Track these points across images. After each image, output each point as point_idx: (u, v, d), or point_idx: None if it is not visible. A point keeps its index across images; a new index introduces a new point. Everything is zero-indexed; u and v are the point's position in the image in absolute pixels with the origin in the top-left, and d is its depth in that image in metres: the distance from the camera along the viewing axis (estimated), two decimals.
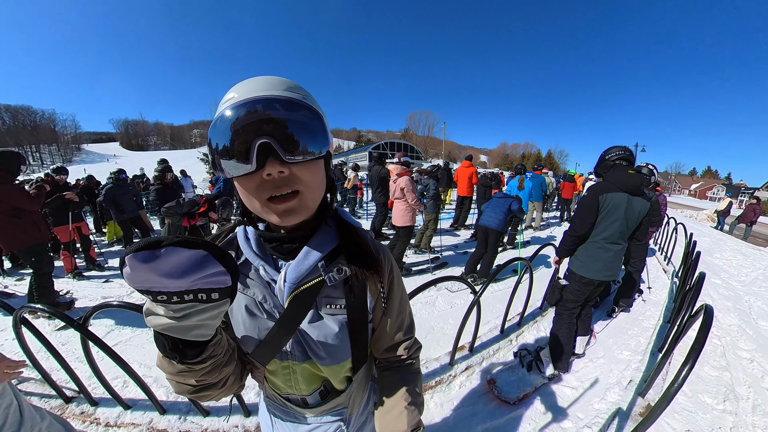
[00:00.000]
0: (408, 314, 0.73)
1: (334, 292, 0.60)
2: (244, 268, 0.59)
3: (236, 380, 0.59)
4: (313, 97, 0.54)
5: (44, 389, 2.00)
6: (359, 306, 0.62)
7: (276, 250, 0.58)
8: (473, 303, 2.16)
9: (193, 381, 0.48)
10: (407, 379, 0.71)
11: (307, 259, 0.56)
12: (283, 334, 0.58)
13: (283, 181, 0.47)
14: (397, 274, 0.69)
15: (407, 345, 0.73)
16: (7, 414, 1.06)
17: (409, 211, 4.02)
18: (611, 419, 1.88)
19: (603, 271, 2.17)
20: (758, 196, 10.07)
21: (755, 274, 4.91)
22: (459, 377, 2.23)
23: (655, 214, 3.12)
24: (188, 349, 0.43)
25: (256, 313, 0.59)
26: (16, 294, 3.64)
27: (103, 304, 1.60)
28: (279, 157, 0.45)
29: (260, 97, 0.45)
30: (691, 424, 1.87)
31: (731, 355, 2.60)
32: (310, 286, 0.56)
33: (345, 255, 0.60)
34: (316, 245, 0.57)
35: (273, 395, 0.72)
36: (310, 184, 0.50)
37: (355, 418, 0.76)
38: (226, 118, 0.45)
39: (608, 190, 2.05)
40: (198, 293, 0.36)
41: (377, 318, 0.67)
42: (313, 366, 0.63)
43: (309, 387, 0.67)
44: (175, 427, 1.77)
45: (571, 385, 2.21)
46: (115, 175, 5.25)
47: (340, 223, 0.64)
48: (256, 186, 0.48)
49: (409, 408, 0.65)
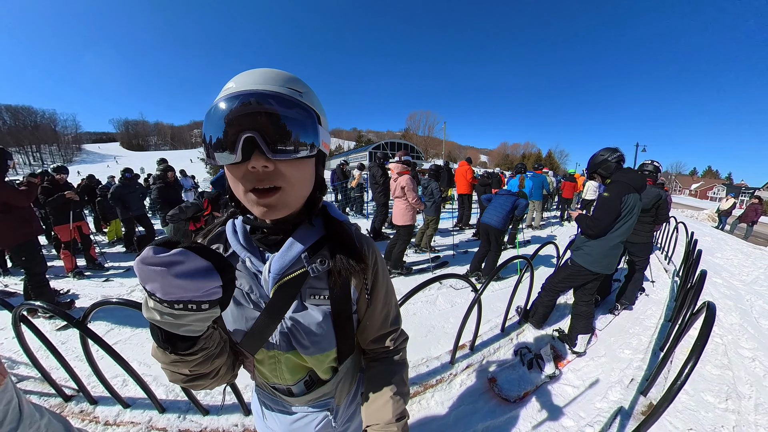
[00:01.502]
0: (394, 306, 0.75)
1: (318, 283, 0.62)
2: (232, 260, 0.60)
3: (228, 370, 0.61)
4: (313, 94, 0.54)
5: (43, 388, 2.00)
6: (343, 297, 0.63)
7: (262, 242, 0.60)
8: (474, 301, 2.16)
9: (186, 371, 0.49)
10: (393, 369, 0.73)
11: (291, 251, 0.57)
12: (268, 323, 0.60)
13: (266, 175, 0.48)
14: (382, 267, 0.70)
15: (393, 336, 0.74)
16: (7, 411, 1.05)
17: (410, 210, 4.01)
18: (613, 418, 1.87)
19: (610, 267, 2.31)
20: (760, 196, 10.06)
21: (756, 274, 4.90)
22: (460, 376, 2.22)
23: (663, 211, 3.11)
24: (180, 342, 0.44)
25: (243, 303, 0.61)
26: (18, 293, 3.64)
27: (103, 302, 1.59)
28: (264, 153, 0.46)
29: (255, 90, 0.46)
30: (694, 423, 1.85)
31: (733, 353, 2.59)
32: (294, 277, 0.58)
33: (329, 247, 0.61)
34: (299, 237, 0.59)
35: (262, 384, 0.75)
36: (293, 181, 0.50)
37: (342, 409, 0.77)
38: (220, 107, 0.46)
39: (629, 191, 2.13)
40: (188, 304, 0.38)
41: (362, 309, 0.68)
42: (297, 356, 0.64)
43: (294, 377, 0.68)
44: (175, 426, 1.76)
45: (573, 383, 2.20)
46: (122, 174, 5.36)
47: (327, 217, 0.65)
48: (241, 175, 0.49)
49: (395, 398, 0.67)
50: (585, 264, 2.34)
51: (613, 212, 2.15)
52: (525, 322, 2.88)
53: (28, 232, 2.98)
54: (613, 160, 2.25)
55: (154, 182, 5.24)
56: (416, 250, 5.17)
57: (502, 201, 3.87)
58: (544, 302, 2.71)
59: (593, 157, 2.36)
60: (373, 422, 0.65)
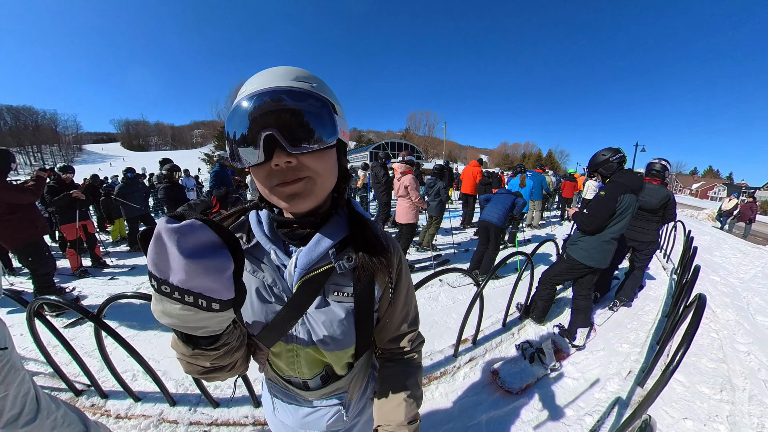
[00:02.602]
0: (413, 307, 0.75)
1: (342, 280, 0.61)
2: (256, 252, 0.60)
3: (243, 362, 0.59)
4: (325, 85, 0.54)
5: (54, 383, 2.02)
6: (366, 295, 0.63)
7: (287, 236, 0.60)
8: (476, 295, 2.22)
9: (206, 364, 0.48)
10: (408, 372, 0.73)
11: (319, 246, 0.57)
12: (290, 317, 0.59)
13: (290, 170, 0.49)
14: (405, 267, 0.71)
15: (411, 337, 0.74)
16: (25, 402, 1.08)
17: (413, 209, 4.07)
18: (611, 407, 1.93)
19: (604, 261, 2.39)
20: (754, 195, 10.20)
21: (754, 272, 4.95)
22: (463, 369, 2.28)
23: (670, 211, 3.12)
24: (202, 340, 0.43)
25: (265, 296, 0.60)
26: (25, 291, 3.69)
27: (118, 295, 1.61)
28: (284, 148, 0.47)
29: (267, 89, 0.47)
30: (689, 413, 1.92)
31: (729, 348, 2.65)
32: (320, 273, 0.58)
33: (355, 244, 0.61)
34: (327, 233, 0.59)
35: (275, 377, 0.74)
36: (318, 171, 0.51)
37: (354, 403, 0.78)
38: (239, 110, 0.47)
39: (625, 192, 2.20)
40: (198, 299, 0.34)
41: (383, 308, 0.68)
42: (316, 351, 0.64)
43: (311, 371, 0.68)
44: (186, 418, 1.80)
45: (572, 376, 2.27)
46: (124, 174, 5.43)
47: (352, 213, 0.65)
48: (266, 174, 0.49)
49: (408, 401, 0.67)
50: (579, 258, 2.43)
51: (608, 210, 2.23)
52: (526, 318, 2.95)
53: (32, 233, 2.97)
54: (614, 161, 2.32)
55: (160, 182, 5.29)
56: (418, 249, 5.23)
57: (502, 199, 3.93)
58: (543, 296, 2.79)
59: (595, 157, 2.43)
60: (385, 423, 0.66)
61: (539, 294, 2.82)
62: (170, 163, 5.15)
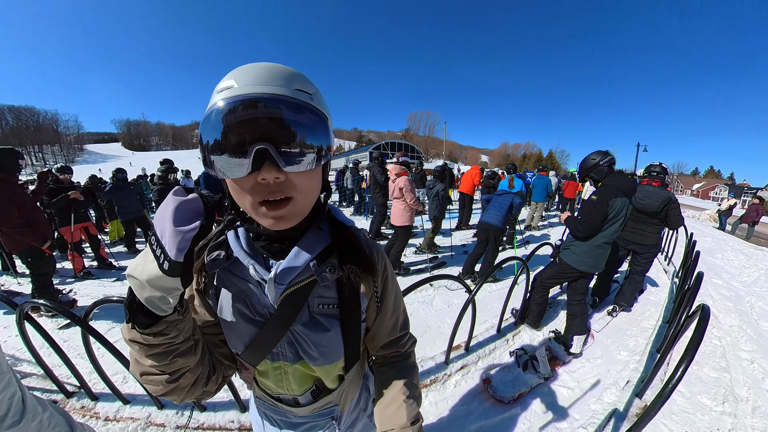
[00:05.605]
0: (402, 311, 0.74)
1: (326, 292, 0.59)
2: (236, 268, 0.58)
3: (199, 383, 0.54)
4: (319, 94, 0.49)
5: (45, 384, 2.03)
6: (352, 306, 0.61)
7: (265, 249, 0.57)
8: (467, 302, 2.15)
9: (145, 359, 0.46)
10: (404, 373, 0.71)
11: (298, 259, 0.54)
12: (274, 334, 0.57)
13: (277, 186, 0.45)
14: (391, 273, 0.69)
15: (403, 341, 0.74)
16: (11, 404, 1.07)
17: (408, 211, 4.01)
18: (607, 420, 1.85)
19: (596, 266, 2.37)
20: (761, 196, 9.98)
21: (757, 275, 4.86)
22: (454, 376, 2.21)
23: (674, 213, 2.88)
24: (141, 315, 0.42)
25: (247, 312, 0.58)
26: (23, 293, 3.66)
27: (103, 300, 1.63)
28: (276, 164, 0.42)
29: (263, 94, 0.41)
30: (689, 426, 1.84)
31: (731, 356, 2.57)
32: (302, 286, 0.55)
33: (338, 254, 0.58)
34: (306, 245, 0.55)
35: (263, 396, 0.72)
36: (305, 190, 0.48)
37: (346, 415, 0.76)
38: (222, 111, 0.41)
39: (616, 195, 2.17)
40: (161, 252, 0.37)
41: (371, 317, 0.66)
42: (305, 366, 0.62)
43: (301, 387, 0.66)
44: (173, 422, 1.79)
45: (568, 385, 2.19)
46: (113, 175, 5.25)
47: (333, 222, 0.62)
48: (249, 187, 0.45)
49: (408, 401, 0.66)
50: (571, 263, 2.40)
51: (599, 215, 2.19)
52: (521, 323, 2.87)
53: (32, 239, 2.95)
54: (604, 164, 2.27)
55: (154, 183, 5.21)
56: (416, 251, 5.16)
57: (501, 200, 3.89)
58: (536, 299, 2.73)
59: (584, 161, 2.37)
60: (388, 427, 0.63)
61: (533, 298, 2.77)
62: (166, 165, 5.07)
